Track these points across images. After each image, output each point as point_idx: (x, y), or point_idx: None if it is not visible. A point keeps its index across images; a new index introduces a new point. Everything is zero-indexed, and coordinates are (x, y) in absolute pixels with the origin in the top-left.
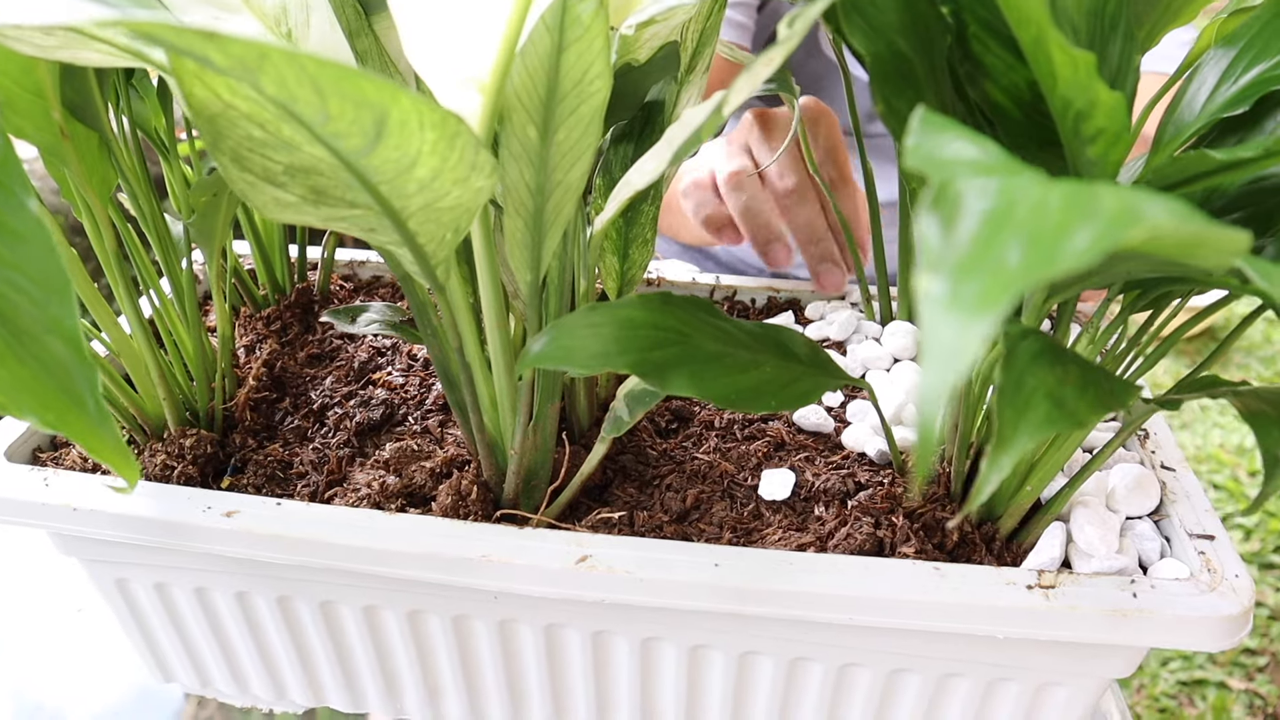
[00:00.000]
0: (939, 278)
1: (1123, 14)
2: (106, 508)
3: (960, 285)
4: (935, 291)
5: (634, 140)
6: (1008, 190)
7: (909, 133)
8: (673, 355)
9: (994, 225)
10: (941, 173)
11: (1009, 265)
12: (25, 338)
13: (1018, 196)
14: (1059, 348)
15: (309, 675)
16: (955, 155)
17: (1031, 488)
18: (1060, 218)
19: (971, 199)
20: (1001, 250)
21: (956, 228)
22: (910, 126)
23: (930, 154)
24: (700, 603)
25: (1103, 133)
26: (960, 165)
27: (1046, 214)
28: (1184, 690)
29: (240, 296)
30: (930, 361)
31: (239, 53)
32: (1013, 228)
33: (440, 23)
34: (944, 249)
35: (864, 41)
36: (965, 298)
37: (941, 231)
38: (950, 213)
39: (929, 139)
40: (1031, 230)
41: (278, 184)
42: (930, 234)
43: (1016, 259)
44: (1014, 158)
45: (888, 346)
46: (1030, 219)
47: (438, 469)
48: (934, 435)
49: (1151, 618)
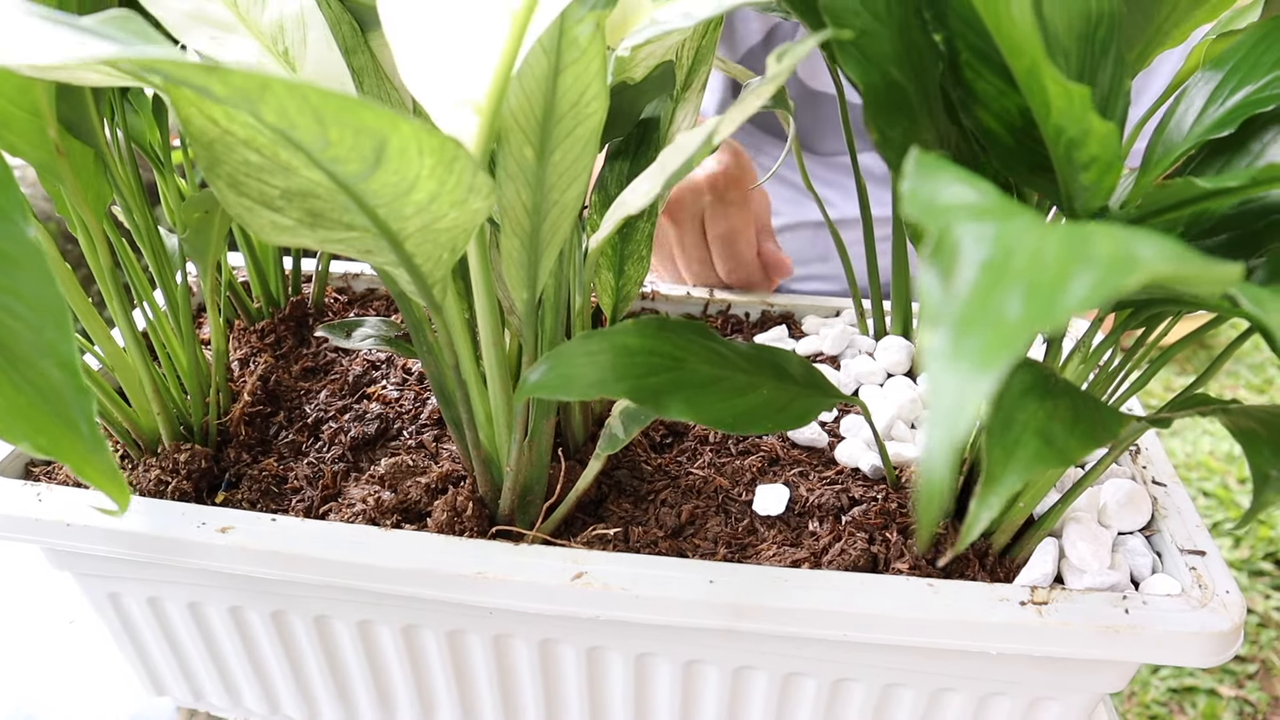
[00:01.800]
0: (940, 332)
1: (1114, 40)
2: (100, 523)
3: (962, 340)
4: (938, 347)
5: (630, 157)
6: (1005, 237)
7: (904, 177)
8: (668, 381)
9: (993, 276)
10: (939, 221)
11: (1009, 318)
12: (20, 363)
13: (1015, 244)
14: (1049, 379)
15: (302, 690)
16: (951, 200)
17: (1024, 504)
18: (1058, 267)
19: (969, 247)
20: (1001, 302)
21: (955, 279)
22: (905, 170)
23: (928, 201)
24: (695, 619)
25: (1096, 160)
26: (957, 211)
27: (1044, 263)
28: (1174, 698)
29: (234, 309)
30: (935, 419)
31: (240, 84)
32: (1011, 278)
33: (435, 46)
34: (944, 302)
35: (858, 71)
36: (967, 352)
37: (941, 283)
38: (949, 263)
39: (925, 184)
40: (1030, 280)
41: (274, 208)
42: (930, 286)
43: (1017, 311)
44: (1009, 199)
45: (881, 361)
46: (1028, 268)
47: (433, 484)
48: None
49: (1143, 634)
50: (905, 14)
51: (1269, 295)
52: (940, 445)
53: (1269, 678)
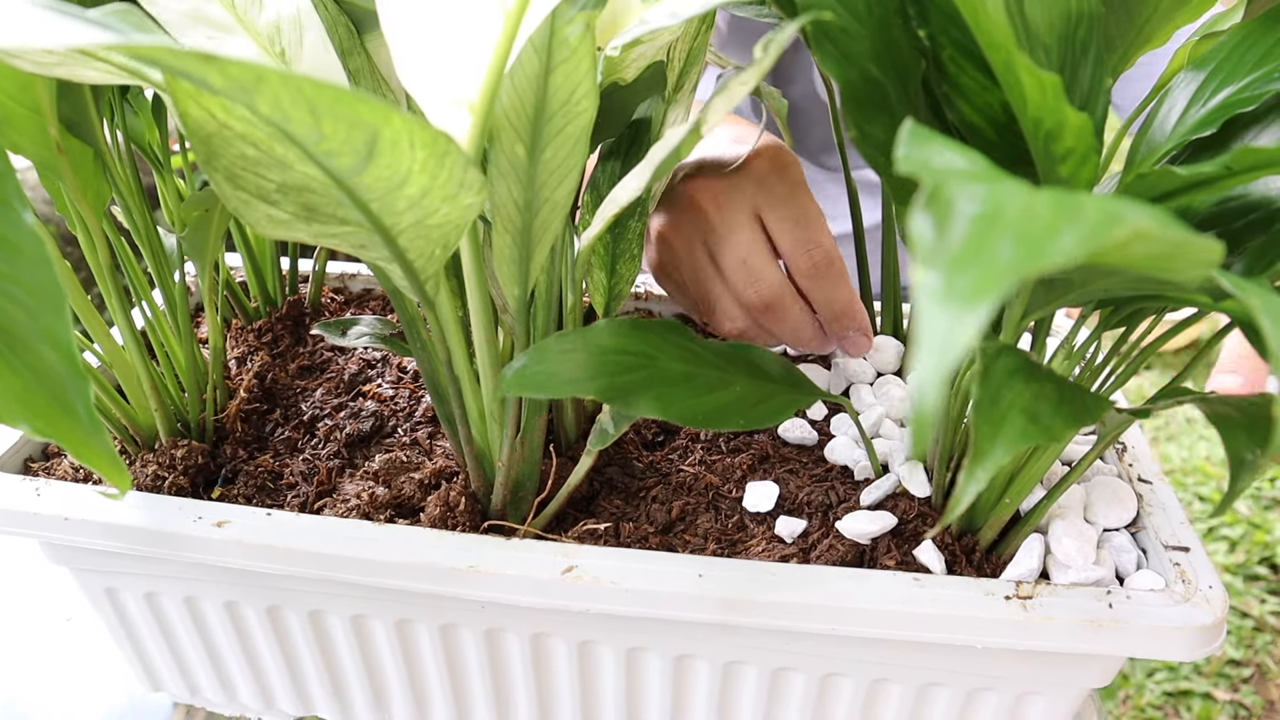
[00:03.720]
0: (933, 271)
1: (1093, 39)
2: (98, 517)
3: (954, 277)
4: (930, 283)
5: (621, 157)
6: (996, 195)
7: (899, 144)
8: (640, 379)
9: (985, 225)
10: (934, 177)
11: (1001, 260)
12: (19, 347)
13: (1006, 201)
14: (1035, 364)
15: (297, 684)
16: (945, 164)
17: (1010, 500)
18: (1048, 219)
19: (963, 203)
20: (993, 247)
21: (949, 227)
22: (900, 138)
23: (922, 161)
24: (685, 613)
25: (1072, 152)
26: (950, 173)
27: (1035, 216)
28: (1169, 701)
29: (232, 308)
30: (926, 350)
31: (236, 75)
32: (1003, 227)
33: (431, 45)
34: (938, 245)
35: (836, 69)
36: (959, 289)
37: (935, 230)
38: (943, 214)
39: (919, 149)
40: (1021, 230)
41: (270, 201)
42: (924, 231)
43: (1008, 255)
44: (997, 167)
45: (871, 360)
46: (1019, 220)
47: (426, 480)
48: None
49: (1126, 628)
50: (886, 12)
51: (1250, 283)
52: (930, 374)
53: (1264, 682)
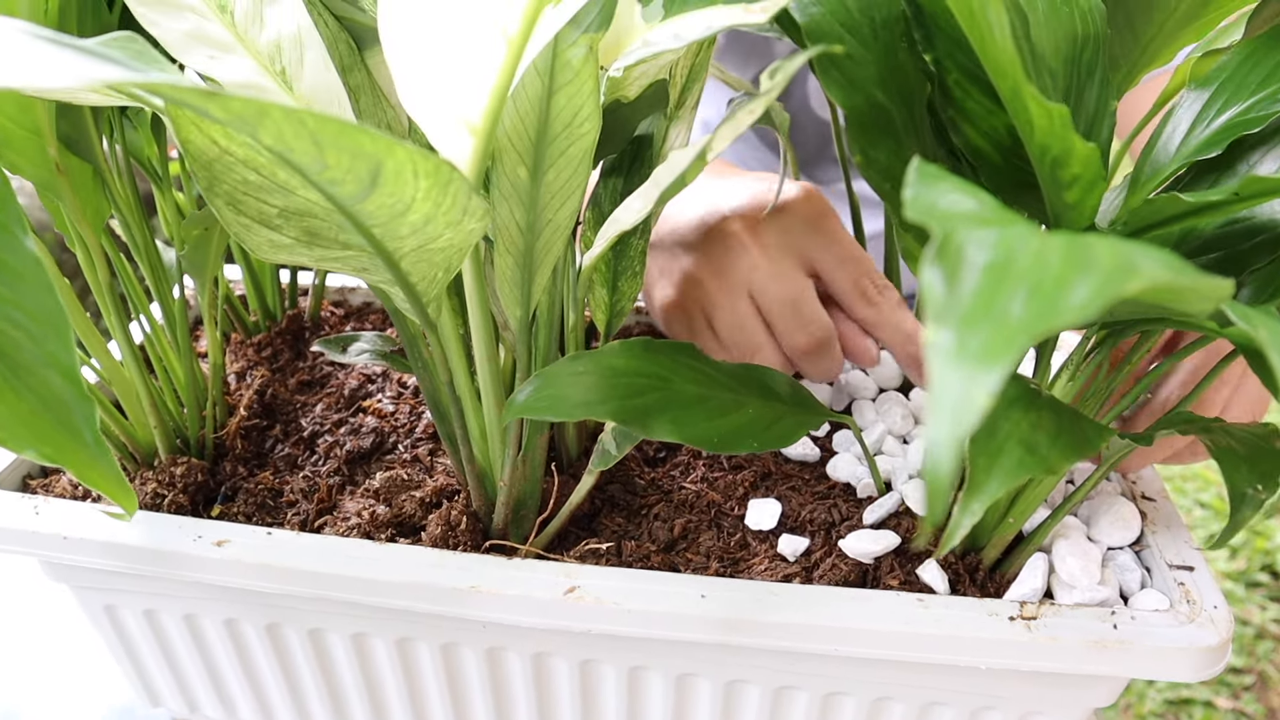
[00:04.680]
0: (945, 329)
1: (1099, 62)
2: (97, 536)
3: (966, 337)
4: (943, 343)
5: (623, 174)
6: (1006, 242)
7: (906, 185)
8: (654, 401)
9: (996, 278)
10: (943, 225)
11: (1013, 317)
12: (23, 373)
13: (1017, 249)
14: (1034, 391)
15: (297, 702)
16: (952, 207)
17: (1014, 520)
18: (1060, 271)
19: (972, 250)
20: (1005, 302)
21: (960, 280)
22: (907, 179)
23: (929, 204)
24: (687, 634)
25: (1079, 179)
26: (959, 218)
27: (1046, 267)
28: (1171, 709)
29: (231, 323)
30: (939, 412)
31: (239, 110)
32: (1014, 280)
33: (433, 68)
34: (949, 301)
35: (841, 95)
36: (971, 349)
37: (945, 284)
38: (953, 265)
39: (926, 191)
40: (1033, 283)
41: (272, 226)
42: (935, 286)
43: (1020, 311)
44: (1007, 209)
45: (874, 375)
46: (1031, 272)
47: (427, 499)
48: (944, 486)
49: (1131, 649)
50: (891, 38)
51: (1257, 313)
52: (944, 439)
53: (1266, 689)
